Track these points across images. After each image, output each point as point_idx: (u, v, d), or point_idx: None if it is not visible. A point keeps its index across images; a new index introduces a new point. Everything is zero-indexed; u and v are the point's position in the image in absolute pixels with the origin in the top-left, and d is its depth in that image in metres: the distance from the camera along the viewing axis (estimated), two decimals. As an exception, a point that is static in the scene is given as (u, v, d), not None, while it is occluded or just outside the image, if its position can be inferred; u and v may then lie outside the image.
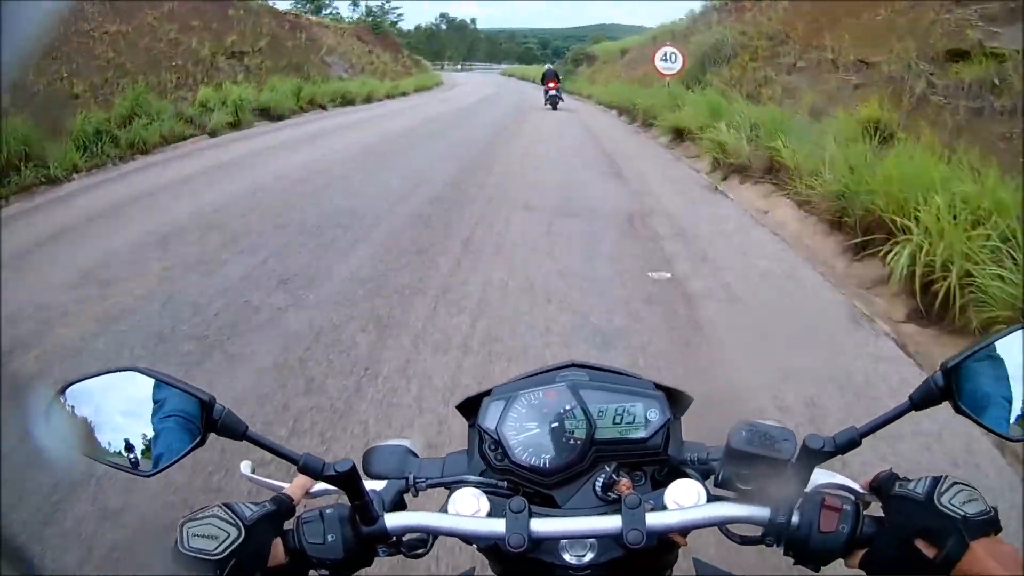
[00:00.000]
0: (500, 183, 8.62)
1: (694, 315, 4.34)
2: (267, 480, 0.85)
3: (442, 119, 17.72)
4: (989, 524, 0.63)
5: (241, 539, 0.66)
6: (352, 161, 10.24)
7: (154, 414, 0.69)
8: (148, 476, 0.70)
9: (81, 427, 0.69)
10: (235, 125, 13.70)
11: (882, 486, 0.72)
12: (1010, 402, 0.67)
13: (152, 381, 0.70)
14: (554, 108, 20.67)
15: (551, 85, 21.02)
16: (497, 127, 16.12)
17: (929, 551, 0.64)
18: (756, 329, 4.12)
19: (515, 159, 10.94)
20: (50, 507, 2.38)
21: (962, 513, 0.63)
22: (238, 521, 0.67)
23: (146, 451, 0.69)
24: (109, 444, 0.69)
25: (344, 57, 26.95)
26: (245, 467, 0.86)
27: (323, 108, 19.12)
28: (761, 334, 3.97)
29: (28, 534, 2.27)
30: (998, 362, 0.68)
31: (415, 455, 0.88)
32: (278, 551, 0.71)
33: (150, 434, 0.69)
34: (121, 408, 0.70)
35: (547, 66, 27.42)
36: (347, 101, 21.04)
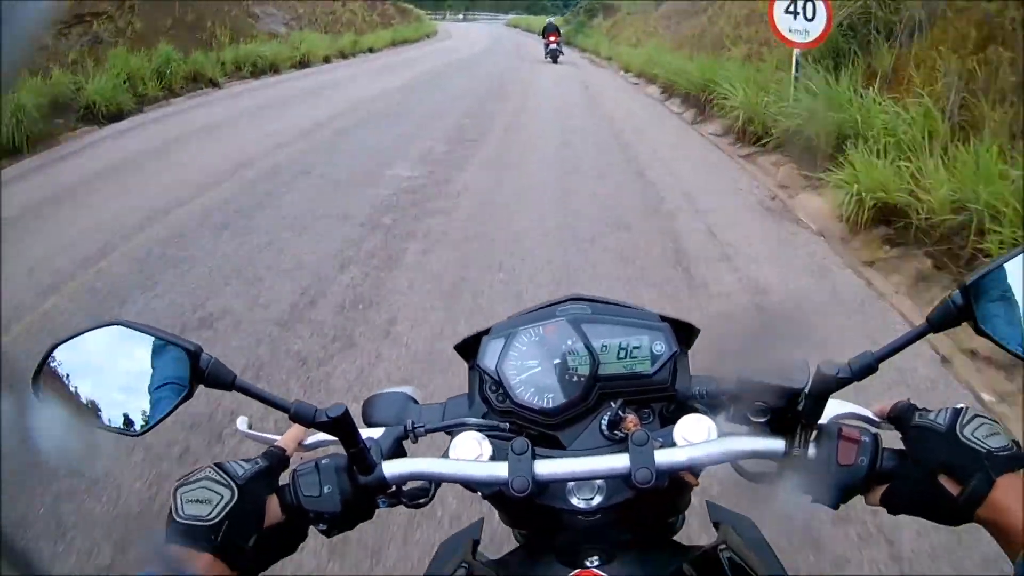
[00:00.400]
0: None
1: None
2: (265, 435, 0.82)
3: (399, 101, 11.83)
4: (1014, 460, 0.60)
5: (234, 500, 0.63)
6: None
7: (140, 368, 0.67)
8: (138, 435, 0.67)
9: (68, 391, 0.66)
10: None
11: (901, 416, 0.68)
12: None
13: (137, 334, 0.67)
14: (554, 61, 20.57)
15: (552, 39, 21.22)
16: (475, 109, 11.14)
17: (953, 488, 0.61)
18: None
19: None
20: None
21: (986, 447, 0.61)
22: (229, 481, 0.65)
23: (134, 408, 0.67)
24: (97, 405, 0.67)
25: (288, 7, 20.17)
26: (241, 423, 0.84)
27: (215, 85, 12.78)
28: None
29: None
30: (1018, 280, 0.64)
31: (415, 402, 0.86)
32: (274, 508, 0.68)
33: (137, 390, 0.67)
34: (106, 365, 0.68)
35: (548, 19, 27.45)
36: (265, 69, 14.94)
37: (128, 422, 0.67)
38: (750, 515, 0.96)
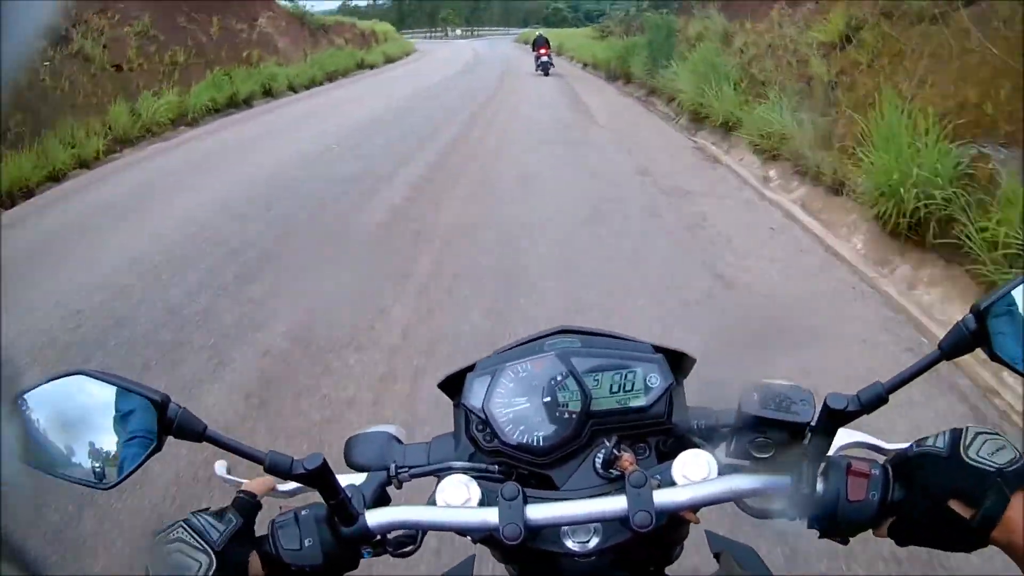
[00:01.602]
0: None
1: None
2: (243, 480, 0.78)
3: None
4: None
5: (213, 569, 0.61)
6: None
7: (105, 420, 0.64)
8: (108, 489, 0.64)
9: (32, 441, 0.63)
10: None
11: (899, 451, 0.65)
12: None
13: (103, 385, 0.64)
14: (545, 74, 20.83)
15: (542, 51, 21.65)
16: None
17: (965, 511, 0.57)
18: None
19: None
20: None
21: (995, 465, 0.57)
22: (205, 546, 0.62)
23: (102, 461, 0.64)
24: (62, 456, 0.64)
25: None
26: (220, 468, 0.80)
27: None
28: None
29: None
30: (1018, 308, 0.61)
31: (399, 441, 0.82)
32: (255, 563, 0.65)
33: (103, 442, 0.64)
34: (72, 416, 0.65)
35: (538, 32, 26.91)
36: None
37: (97, 475, 0.64)
38: (750, 545, 0.93)
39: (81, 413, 0.65)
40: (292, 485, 0.75)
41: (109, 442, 0.64)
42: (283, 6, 22.30)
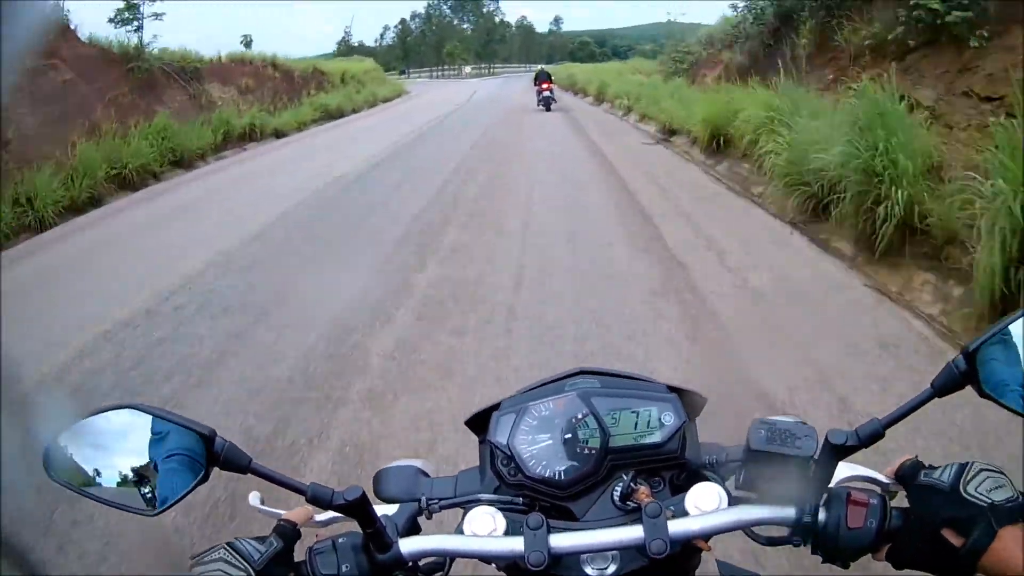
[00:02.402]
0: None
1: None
2: (278, 511, 0.82)
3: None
4: (1018, 511, 0.61)
5: None
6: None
7: (155, 451, 0.68)
8: (153, 516, 0.68)
9: (82, 469, 0.68)
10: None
11: (906, 475, 0.69)
12: None
13: (150, 417, 0.69)
14: (547, 109, 20.96)
15: (544, 86, 21.67)
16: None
17: (956, 540, 0.62)
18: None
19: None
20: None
21: (989, 500, 0.61)
22: (246, 566, 0.65)
23: (150, 490, 0.68)
24: (112, 484, 0.68)
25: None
26: (254, 498, 0.84)
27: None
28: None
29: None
30: (1013, 345, 0.66)
31: (426, 475, 0.87)
32: None
33: (152, 472, 0.68)
34: (121, 447, 0.69)
35: (540, 67, 27.05)
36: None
37: (146, 501, 0.68)
38: (761, 574, 0.96)
39: (130, 444, 0.69)
40: (328, 515, 0.80)
41: (157, 470, 0.68)
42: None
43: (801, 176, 6.22)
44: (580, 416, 0.79)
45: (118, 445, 0.69)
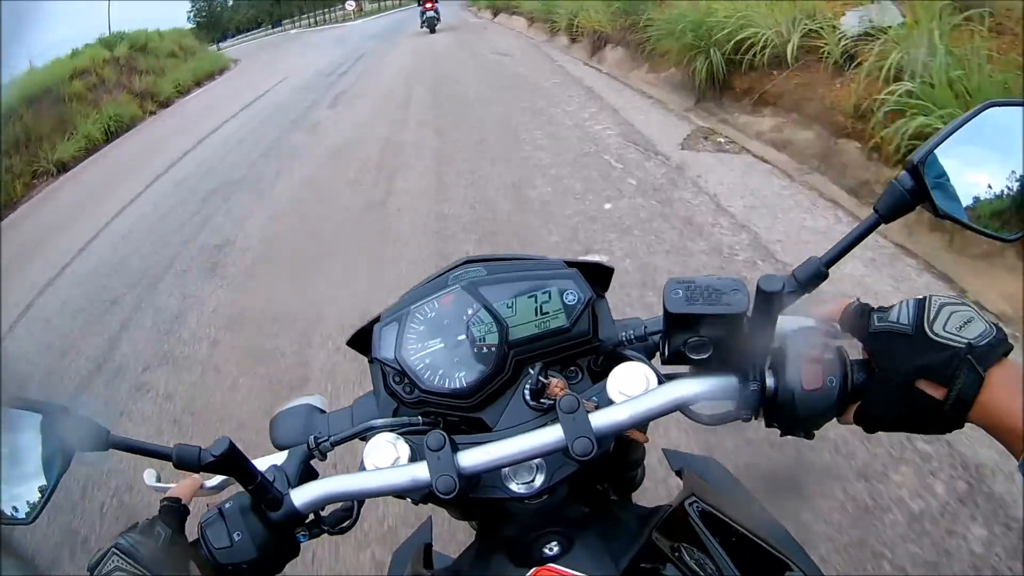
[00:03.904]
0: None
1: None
2: (172, 486, 0.71)
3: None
4: (999, 346, 0.51)
5: None
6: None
7: (6, 448, 0.60)
8: (29, 523, 0.60)
9: None
10: None
11: (854, 322, 0.58)
12: (994, 198, 0.56)
13: None
14: (431, 31, 18.43)
15: (428, 6, 18.86)
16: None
17: (936, 391, 0.52)
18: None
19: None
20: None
21: (964, 339, 0.51)
22: (144, 572, 0.57)
23: (11, 496, 0.60)
24: None
25: None
26: (149, 476, 0.74)
27: None
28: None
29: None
30: (972, 148, 0.56)
31: (322, 411, 0.76)
32: (195, 571, 0.61)
33: (9, 473, 0.60)
34: None
35: None
36: None
37: (14, 510, 0.60)
38: (710, 456, 0.91)
39: None
40: (217, 479, 0.71)
41: (13, 471, 0.60)
42: None
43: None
44: (471, 312, 0.69)
45: None
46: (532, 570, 0.61)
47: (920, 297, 0.55)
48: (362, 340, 0.75)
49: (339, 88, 11.49)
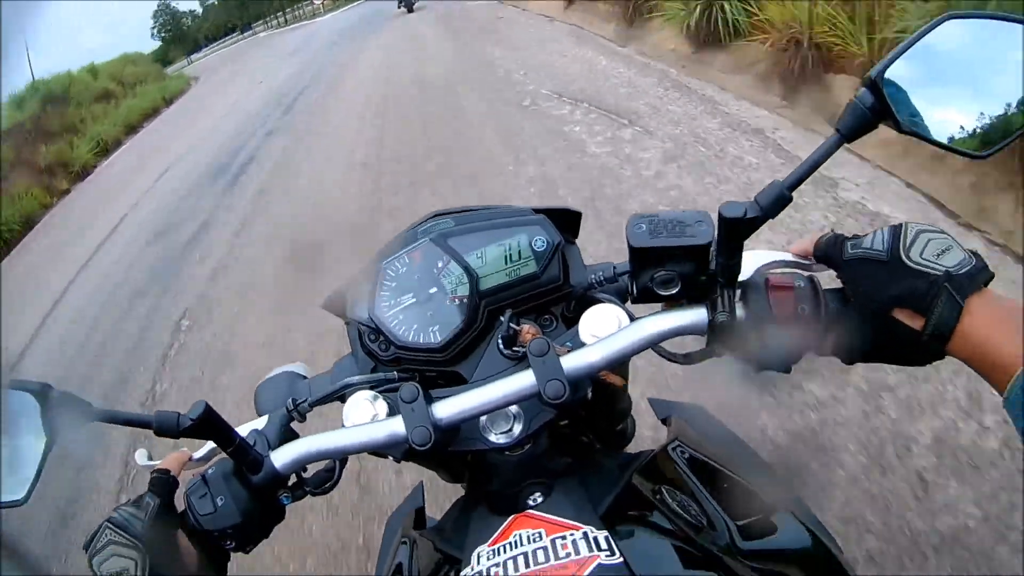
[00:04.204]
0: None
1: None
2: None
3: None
4: (979, 274, 0.50)
5: (148, 561, 0.57)
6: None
7: None
8: (22, 504, 0.60)
9: None
10: None
11: (830, 252, 0.57)
12: (957, 112, 0.55)
13: None
14: (409, 11, 17.28)
15: None
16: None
17: (914, 321, 0.51)
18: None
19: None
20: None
21: (942, 267, 0.50)
22: (134, 541, 0.58)
23: (3, 478, 0.60)
24: None
25: None
26: (140, 456, 0.75)
27: None
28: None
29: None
30: (932, 63, 0.55)
31: (303, 377, 0.77)
32: (184, 540, 0.61)
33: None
34: None
35: None
36: None
37: (7, 492, 0.60)
38: (698, 404, 0.90)
39: None
40: (204, 450, 0.72)
41: (3, 456, 0.60)
42: None
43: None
44: (441, 264, 0.69)
45: None
46: (511, 517, 0.62)
47: (896, 224, 0.54)
48: (337, 303, 0.76)
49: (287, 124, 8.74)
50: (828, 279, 0.58)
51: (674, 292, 0.57)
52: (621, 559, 0.54)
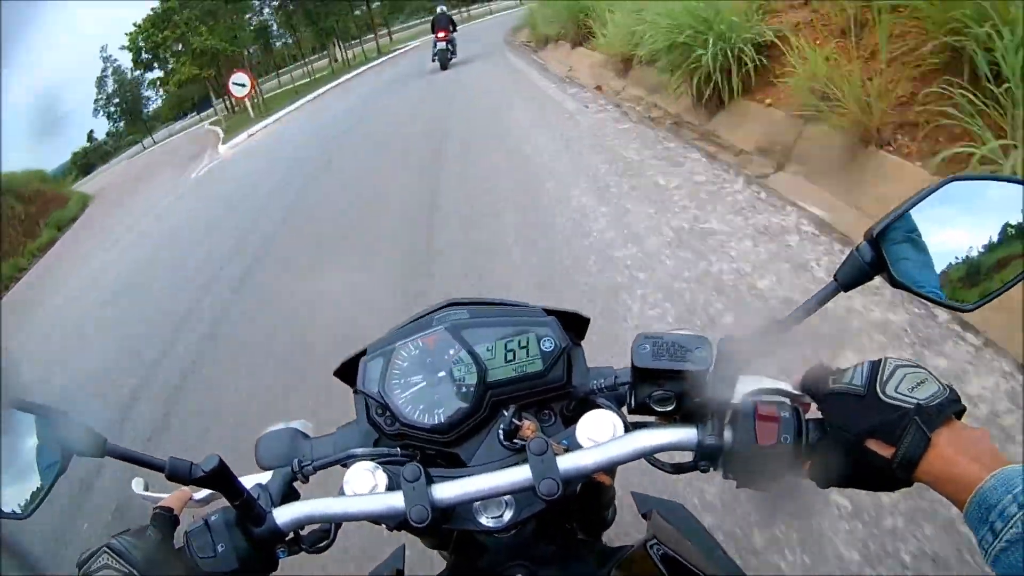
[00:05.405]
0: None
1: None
2: (162, 495, 0.75)
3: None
4: (949, 407, 0.53)
5: None
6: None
7: (6, 446, 0.63)
8: (24, 518, 0.62)
9: None
10: None
11: (813, 386, 0.61)
12: (950, 268, 0.59)
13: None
14: (443, 68, 14.63)
15: (440, 35, 14.73)
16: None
17: (885, 451, 0.54)
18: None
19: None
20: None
21: (914, 400, 0.54)
22: (132, 570, 0.60)
23: (10, 493, 0.62)
24: None
25: None
26: (137, 485, 0.77)
27: None
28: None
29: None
30: (927, 224, 0.59)
31: (306, 436, 0.80)
32: None
33: (6, 471, 0.63)
34: None
35: (439, 8, 16.41)
36: None
37: (10, 506, 0.63)
38: (677, 501, 0.93)
39: None
40: (205, 493, 0.74)
41: (13, 468, 0.63)
42: None
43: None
44: (452, 352, 0.72)
45: None
46: None
47: (875, 359, 0.58)
48: (348, 371, 0.79)
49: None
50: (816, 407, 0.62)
51: (669, 409, 0.62)
52: None
